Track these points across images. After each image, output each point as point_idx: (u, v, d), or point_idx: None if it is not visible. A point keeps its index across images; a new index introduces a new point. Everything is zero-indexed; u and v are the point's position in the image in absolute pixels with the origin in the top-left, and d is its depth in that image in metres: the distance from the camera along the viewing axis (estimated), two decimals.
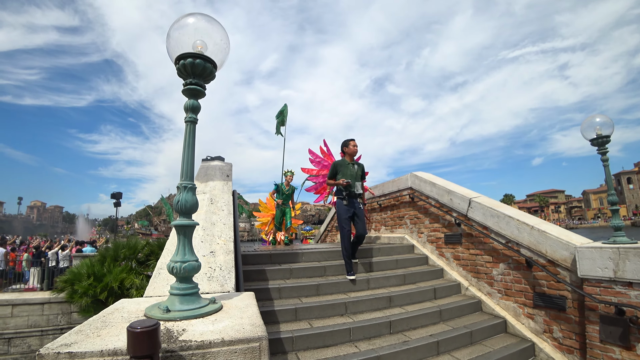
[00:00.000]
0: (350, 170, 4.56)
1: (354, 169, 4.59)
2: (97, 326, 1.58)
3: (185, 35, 1.86)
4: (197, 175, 4.30)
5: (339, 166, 4.55)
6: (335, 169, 4.55)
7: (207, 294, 2.25)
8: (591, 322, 3.19)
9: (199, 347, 1.41)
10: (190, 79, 1.88)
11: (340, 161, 4.63)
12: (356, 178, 4.56)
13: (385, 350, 3.10)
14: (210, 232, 3.08)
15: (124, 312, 1.81)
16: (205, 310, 1.76)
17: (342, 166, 4.55)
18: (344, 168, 4.54)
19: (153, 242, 9.22)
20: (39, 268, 9.91)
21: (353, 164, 4.63)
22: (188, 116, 1.90)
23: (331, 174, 4.57)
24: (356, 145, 4.74)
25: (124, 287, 7.71)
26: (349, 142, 4.73)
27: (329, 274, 4.43)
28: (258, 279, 4.06)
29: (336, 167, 4.56)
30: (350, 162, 4.62)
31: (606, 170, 3.61)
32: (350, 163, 4.62)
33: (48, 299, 8.94)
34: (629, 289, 2.94)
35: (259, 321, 1.68)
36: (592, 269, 3.18)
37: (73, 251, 11.21)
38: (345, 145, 4.75)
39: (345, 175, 4.50)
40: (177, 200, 1.85)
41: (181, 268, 1.78)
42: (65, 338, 1.43)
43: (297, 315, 3.50)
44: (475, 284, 4.54)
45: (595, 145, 3.60)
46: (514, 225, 3.96)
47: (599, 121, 3.56)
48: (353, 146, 4.71)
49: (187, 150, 1.89)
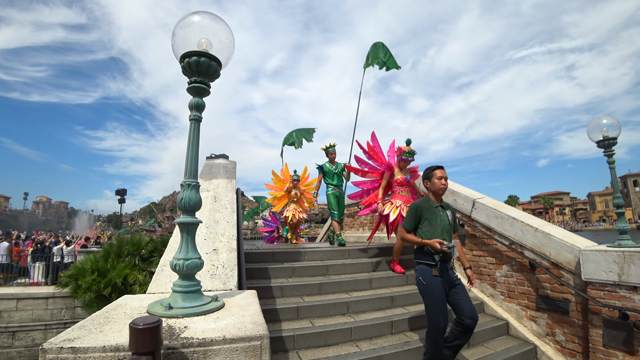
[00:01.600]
0: (441, 218, 2.98)
1: (444, 216, 3.00)
2: (100, 322, 1.59)
3: (191, 34, 1.86)
4: (201, 173, 4.32)
5: (423, 211, 2.98)
6: (417, 215, 2.99)
7: (209, 291, 2.26)
8: (594, 326, 3.16)
9: (200, 344, 1.41)
10: (195, 77, 1.88)
11: (423, 202, 3.05)
12: (449, 231, 2.99)
13: (386, 350, 3.10)
14: (214, 230, 3.09)
15: (126, 309, 1.82)
16: (207, 308, 1.77)
17: (427, 211, 2.98)
18: (430, 214, 2.97)
19: (156, 239, 9.27)
20: (43, 263, 10.01)
21: (442, 208, 3.05)
22: (193, 114, 1.90)
23: (409, 221, 3.02)
24: (447, 180, 3.06)
25: (128, 283, 7.77)
26: (434, 173, 3.05)
27: (331, 273, 4.44)
28: (260, 277, 4.06)
29: (417, 212, 2.99)
30: (437, 205, 3.04)
31: (612, 173, 3.57)
32: (438, 206, 3.03)
33: (52, 294, 9.04)
34: (634, 293, 2.91)
35: (261, 319, 1.68)
36: (597, 272, 3.15)
37: (77, 247, 11.30)
38: (428, 178, 3.09)
39: (434, 227, 2.93)
40: (180, 197, 1.85)
41: (184, 265, 1.78)
42: (69, 333, 1.44)
43: (298, 314, 3.50)
44: (477, 286, 4.52)
45: (601, 147, 3.56)
46: (518, 227, 3.93)
47: (606, 123, 3.52)
48: (440, 180, 3.01)
49: (191, 148, 1.90)
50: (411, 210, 3.05)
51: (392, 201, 4.82)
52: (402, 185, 4.85)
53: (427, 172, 3.14)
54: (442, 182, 3.01)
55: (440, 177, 3.02)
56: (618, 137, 3.50)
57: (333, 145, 6.58)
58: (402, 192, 4.84)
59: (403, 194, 4.84)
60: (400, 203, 4.74)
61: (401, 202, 4.75)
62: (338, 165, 6.40)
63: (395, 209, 4.72)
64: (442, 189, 3.02)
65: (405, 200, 4.79)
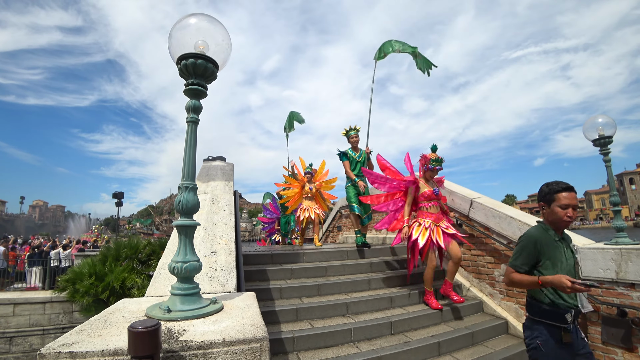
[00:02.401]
0: (566, 257, 2.14)
1: (569, 254, 2.17)
2: (98, 326, 1.59)
3: (187, 36, 1.86)
4: (199, 175, 4.31)
5: (543, 246, 2.12)
6: (536, 251, 2.12)
7: (208, 294, 2.25)
8: (593, 324, 3.17)
9: (199, 347, 1.41)
10: (192, 79, 1.88)
11: (541, 234, 2.15)
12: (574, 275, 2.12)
13: (386, 351, 3.10)
14: (212, 232, 3.08)
15: (125, 312, 1.81)
16: (206, 311, 1.76)
17: (549, 247, 2.11)
18: (552, 252, 2.11)
19: (154, 242, 9.24)
20: (40, 267, 9.95)
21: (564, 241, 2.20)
22: (190, 116, 1.90)
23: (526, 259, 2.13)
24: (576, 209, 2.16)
25: (126, 287, 7.74)
26: (557, 197, 2.13)
27: (330, 274, 4.43)
28: (259, 279, 4.06)
29: (537, 247, 2.11)
30: (559, 238, 2.17)
31: (608, 171, 3.60)
32: (560, 239, 2.17)
33: (50, 298, 8.97)
34: (632, 290, 2.93)
35: (260, 321, 1.68)
36: (594, 270, 3.17)
37: (74, 251, 11.24)
38: (547, 201, 2.19)
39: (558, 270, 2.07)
40: (178, 200, 1.85)
41: (182, 268, 1.78)
42: (67, 338, 1.43)
43: (298, 315, 3.50)
44: (476, 285, 4.53)
45: (597, 146, 3.59)
46: (516, 225, 3.95)
47: (602, 122, 3.55)
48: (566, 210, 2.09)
49: (188, 150, 1.89)
50: (527, 243, 2.14)
51: (419, 221, 4.07)
52: (429, 200, 4.08)
53: (545, 191, 2.19)
54: (568, 215, 2.08)
55: (567, 206, 2.09)
56: (614, 136, 3.53)
57: (356, 129, 5.58)
58: (431, 208, 4.07)
59: (432, 210, 4.06)
60: (430, 223, 3.98)
61: (430, 221, 4.00)
62: (361, 152, 5.54)
63: (425, 230, 3.95)
64: (566, 223, 2.12)
65: (435, 219, 4.01)
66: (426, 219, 4.04)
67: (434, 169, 4.10)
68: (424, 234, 3.92)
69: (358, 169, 5.44)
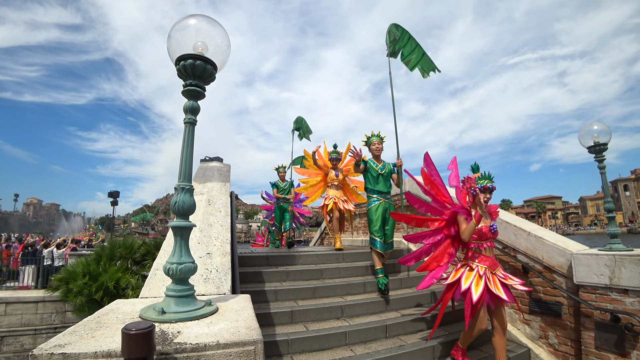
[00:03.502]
0: None
1: None
2: (92, 327, 1.57)
3: (186, 37, 1.86)
4: (195, 175, 4.29)
5: None
6: None
7: (203, 295, 2.24)
8: (587, 329, 3.19)
9: (193, 349, 1.40)
10: (190, 80, 1.87)
11: None
12: None
13: (381, 354, 3.09)
14: (207, 234, 3.07)
15: (119, 313, 1.80)
16: (200, 313, 1.75)
17: None
18: None
19: (149, 242, 9.19)
20: (33, 266, 9.85)
21: None
22: (187, 117, 1.90)
23: None
24: None
25: (120, 287, 7.69)
26: None
27: (325, 277, 4.42)
28: (254, 281, 4.04)
29: None
30: None
31: (603, 178, 3.63)
32: None
33: (42, 298, 8.89)
34: (625, 296, 2.95)
35: (255, 324, 1.67)
36: (588, 275, 3.19)
37: (68, 250, 11.14)
38: None
39: None
40: (174, 201, 1.84)
41: (177, 269, 1.77)
42: (59, 338, 1.42)
43: (293, 318, 3.49)
44: None
45: (592, 153, 3.62)
46: (511, 231, 3.97)
47: (597, 129, 3.58)
48: None
49: (185, 151, 1.89)
50: None
51: (471, 265, 3.11)
52: (484, 239, 3.09)
53: None
54: None
55: None
56: (609, 143, 3.56)
57: (379, 136, 4.60)
58: (486, 250, 3.11)
59: (487, 252, 3.11)
60: (485, 269, 3.03)
61: (486, 266, 3.05)
62: (385, 164, 4.56)
63: (479, 279, 2.99)
64: None
65: (490, 264, 3.07)
66: (480, 263, 3.07)
67: (485, 187, 3.06)
68: (478, 285, 2.95)
69: (381, 184, 4.46)
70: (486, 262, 3.07)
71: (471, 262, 3.12)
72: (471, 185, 3.05)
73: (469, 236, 2.99)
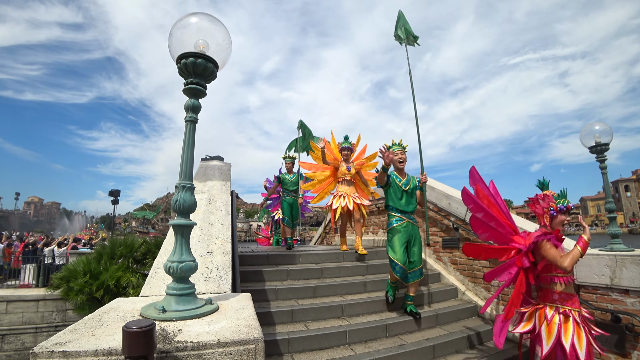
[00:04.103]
0: None
1: None
2: (92, 325, 1.57)
3: (188, 35, 1.86)
4: (196, 174, 4.29)
5: None
6: None
7: (203, 294, 2.24)
8: None
9: (194, 348, 1.40)
10: (192, 79, 1.87)
11: None
12: None
13: (381, 354, 3.09)
14: (208, 232, 3.07)
15: (119, 312, 1.80)
16: (201, 311, 1.75)
17: None
18: None
19: (150, 241, 9.19)
20: (34, 264, 9.86)
21: None
22: (188, 116, 1.90)
23: None
24: None
25: (120, 286, 7.68)
26: None
27: (326, 276, 4.42)
28: (255, 280, 4.04)
29: None
30: None
31: (604, 178, 3.62)
32: None
33: (43, 296, 8.89)
34: (626, 296, 2.95)
35: (255, 323, 1.67)
36: (589, 275, 3.18)
37: (69, 248, 11.16)
38: None
39: None
40: (175, 199, 1.84)
41: (178, 268, 1.77)
42: (60, 337, 1.42)
43: (293, 317, 3.49)
44: (472, 289, 4.54)
45: (594, 153, 3.61)
46: None
47: (598, 129, 3.57)
48: None
49: (186, 149, 1.89)
50: None
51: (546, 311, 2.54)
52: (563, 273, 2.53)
53: None
54: None
55: None
56: (610, 143, 3.55)
57: (401, 145, 3.96)
58: (568, 287, 2.56)
59: (569, 290, 2.56)
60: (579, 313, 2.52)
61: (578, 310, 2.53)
62: (410, 179, 3.92)
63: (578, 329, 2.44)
64: None
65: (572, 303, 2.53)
66: (574, 307, 2.50)
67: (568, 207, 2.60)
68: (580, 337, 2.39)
69: (405, 200, 3.84)
70: (576, 303, 2.52)
71: (544, 303, 2.56)
72: (550, 205, 2.63)
73: (571, 265, 2.38)
